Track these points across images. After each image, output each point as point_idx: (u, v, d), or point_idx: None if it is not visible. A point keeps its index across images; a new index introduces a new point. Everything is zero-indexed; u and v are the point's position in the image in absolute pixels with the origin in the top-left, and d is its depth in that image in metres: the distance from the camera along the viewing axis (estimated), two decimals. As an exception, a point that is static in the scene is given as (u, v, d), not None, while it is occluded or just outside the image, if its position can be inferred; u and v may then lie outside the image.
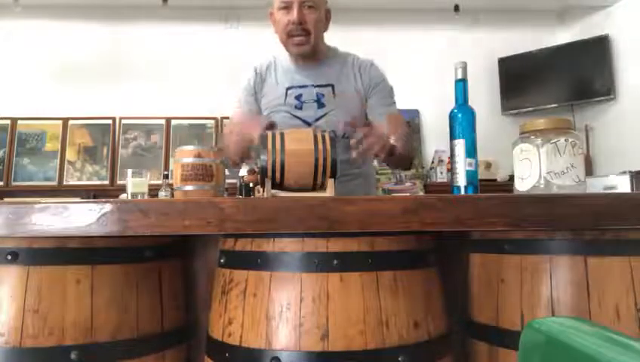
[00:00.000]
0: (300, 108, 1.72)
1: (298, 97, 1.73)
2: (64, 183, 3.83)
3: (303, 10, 1.61)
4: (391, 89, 1.79)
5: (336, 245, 0.99)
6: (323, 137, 1.15)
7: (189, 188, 1.28)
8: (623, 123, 3.81)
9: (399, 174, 4.01)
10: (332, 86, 1.71)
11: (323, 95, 1.71)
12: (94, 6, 4.05)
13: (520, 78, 4.20)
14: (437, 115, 3.19)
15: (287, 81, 1.75)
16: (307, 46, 1.66)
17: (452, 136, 1.30)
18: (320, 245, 0.99)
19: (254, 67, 1.81)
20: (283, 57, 1.79)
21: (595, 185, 3.15)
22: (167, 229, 0.94)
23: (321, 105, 1.70)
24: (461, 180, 1.27)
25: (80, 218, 0.94)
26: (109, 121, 3.99)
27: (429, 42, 4.18)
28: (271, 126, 1.33)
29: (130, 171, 1.65)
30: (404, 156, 1.60)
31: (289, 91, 1.74)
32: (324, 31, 1.73)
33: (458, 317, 1.20)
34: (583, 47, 4.00)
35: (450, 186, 1.31)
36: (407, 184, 3.94)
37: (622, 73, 3.85)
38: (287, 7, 1.63)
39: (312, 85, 1.72)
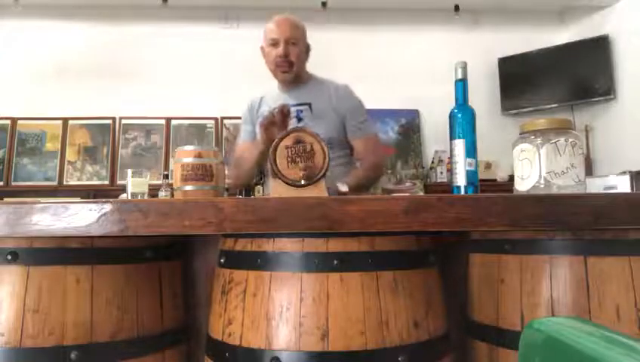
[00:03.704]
0: None
1: None
2: (64, 183, 3.83)
3: (288, 46, 1.96)
4: (364, 109, 2.09)
5: (336, 245, 0.99)
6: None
7: (189, 188, 1.28)
8: (623, 123, 3.81)
9: (399, 174, 4.01)
10: (309, 104, 2.01)
11: (301, 111, 2.01)
12: (94, 6, 4.05)
13: (520, 78, 4.19)
14: (437, 115, 3.18)
15: (274, 104, 1.99)
16: (291, 74, 2.01)
17: (452, 136, 1.30)
18: (320, 245, 0.99)
19: (248, 102, 2.17)
20: (272, 90, 2.13)
21: (595, 185, 3.14)
22: (166, 229, 0.94)
23: (299, 119, 2.01)
24: (461, 180, 1.27)
25: (80, 218, 0.94)
26: (109, 121, 3.99)
27: (429, 42, 4.18)
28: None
29: (130, 171, 1.65)
30: (363, 184, 1.97)
31: (274, 110, 1.97)
32: (306, 60, 2.08)
33: (458, 317, 1.20)
34: (583, 47, 3.99)
35: (450, 186, 1.31)
36: (407, 184, 3.93)
37: (622, 73, 3.84)
38: (275, 44, 1.98)
39: (292, 104, 1.97)
